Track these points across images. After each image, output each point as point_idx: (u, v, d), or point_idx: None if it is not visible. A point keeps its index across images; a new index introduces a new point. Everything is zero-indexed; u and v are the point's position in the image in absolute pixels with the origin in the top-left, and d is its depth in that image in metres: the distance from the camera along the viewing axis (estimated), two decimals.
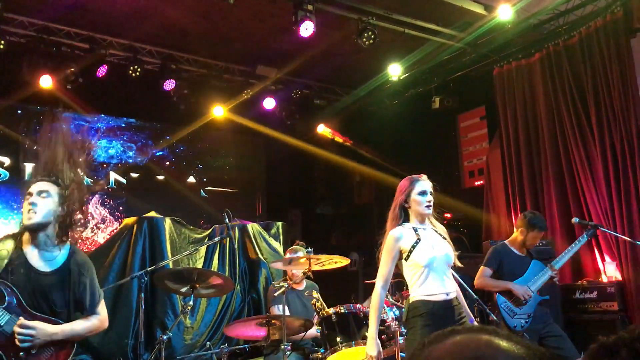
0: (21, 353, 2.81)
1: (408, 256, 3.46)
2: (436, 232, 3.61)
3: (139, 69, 7.61)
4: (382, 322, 4.35)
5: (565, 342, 4.76)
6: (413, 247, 3.45)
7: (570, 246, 5.04)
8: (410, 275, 3.49)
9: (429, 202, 3.54)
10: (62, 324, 2.94)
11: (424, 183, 3.61)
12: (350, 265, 8.36)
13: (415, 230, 3.51)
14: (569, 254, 5.01)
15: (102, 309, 3.10)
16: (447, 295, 3.43)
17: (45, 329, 2.85)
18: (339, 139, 9.65)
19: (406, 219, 3.59)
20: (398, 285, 5.18)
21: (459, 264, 3.73)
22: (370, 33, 6.65)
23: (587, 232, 5.07)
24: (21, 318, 2.83)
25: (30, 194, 2.95)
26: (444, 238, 3.59)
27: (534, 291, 4.92)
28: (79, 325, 3.00)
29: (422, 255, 3.42)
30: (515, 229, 5.16)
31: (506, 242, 5.20)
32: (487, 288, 5.09)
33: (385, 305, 4.50)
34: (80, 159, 3.11)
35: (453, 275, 4.69)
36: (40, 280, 2.92)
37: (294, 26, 6.22)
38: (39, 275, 2.94)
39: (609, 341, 1.08)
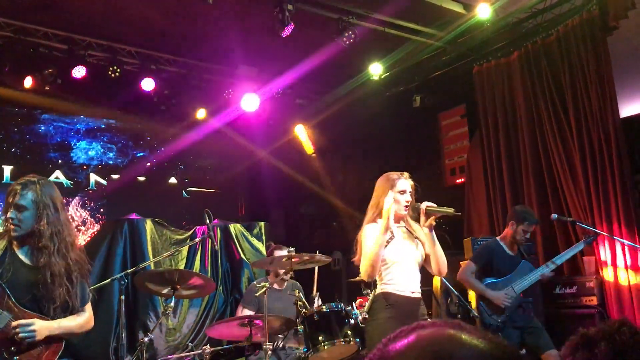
0: (12, 348, 2.81)
1: None
2: (410, 232, 3.63)
3: (118, 70, 7.55)
4: (364, 320, 4.37)
5: (543, 335, 4.88)
6: (387, 243, 3.48)
7: (575, 245, 5.18)
8: (380, 269, 3.52)
9: (407, 202, 3.57)
10: (53, 319, 2.94)
11: (405, 182, 3.63)
12: (334, 265, 8.39)
13: (389, 228, 3.52)
14: (572, 252, 5.14)
15: (89, 307, 3.12)
16: (413, 293, 3.48)
17: (45, 325, 2.87)
18: (308, 145, 9.61)
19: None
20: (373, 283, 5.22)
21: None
22: (350, 32, 6.67)
23: (587, 238, 5.21)
24: (19, 316, 2.83)
25: (9, 206, 2.95)
26: (416, 238, 3.62)
27: (517, 292, 4.96)
28: (73, 322, 3.02)
29: (393, 252, 3.47)
30: (506, 225, 5.25)
31: (498, 238, 5.27)
32: (466, 285, 5.15)
33: (366, 303, 4.53)
34: None
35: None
36: (31, 275, 2.92)
37: (275, 26, 6.22)
38: (30, 270, 2.94)
39: (589, 333, 1.11)
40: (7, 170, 8.16)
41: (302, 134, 9.57)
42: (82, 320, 3.07)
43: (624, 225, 5.90)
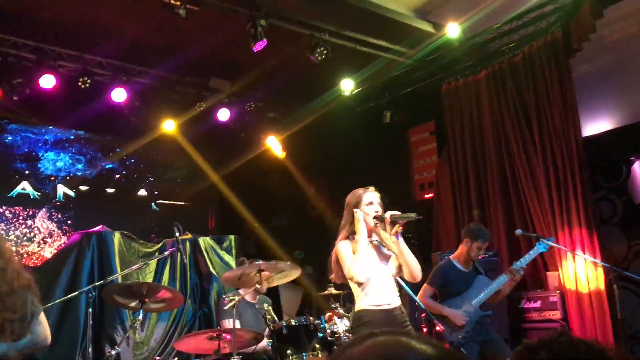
0: None
1: None
2: (381, 245, 3.71)
3: (88, 81, 7.50)
4: (333, 333, 4.44)
5: (500, 344, 5.03)
6: None
7: (530, 252, 5.29)
8: (355, 285, 3.60)
9: (376, 212, 3.66)
10: None
11: (371, 194, 3.73)
12: (304, 278, 8.42)
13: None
14: (528, 259, 5.26)
15: (37, 326, 2.99)
16: (390, 305, 3.55)
17: None
18: (279, 153, 9.67)
19: (355, 232, 3.69)
20: (349, 296, 5.28)
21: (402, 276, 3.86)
22: (322, 49, 6.78)
23: (540, 243, 5.32)
24: None
25: None
26: (389, 250, 3.70)
27: (475, 307, 5.09)
28: (6, 347, 2.88)
29: (367, 268, 3.53)
30: (460, 243, 5.36)
31: (451, 258, 5.39)
32: (427, 308, 5.24)
33: (335, 317, 4.59)
34: None
35: (401, 287, 4.84)
36: None
37: (248, 40, 6.29)
38: None
39: (531, 343, 1.20)
40: None
41: (273, 143, 9.63)
42: (22, 345, 2.96)
43: (586, 240, 6.10)
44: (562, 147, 6.40)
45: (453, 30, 6.78)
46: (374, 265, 3.59)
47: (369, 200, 3.71)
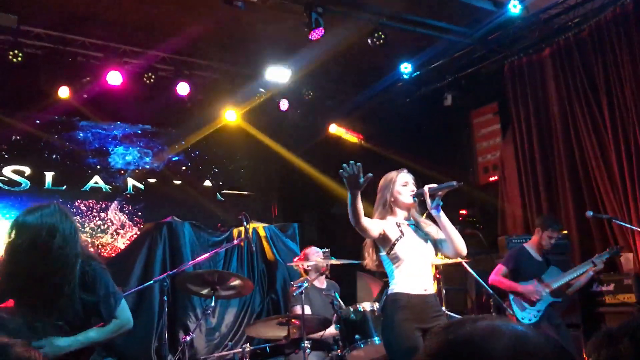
0: None
1: (390, 249, 3.50)
2: (420, 230, 3.65)
3: (152, 76, 7.78)
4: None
5: (566, 334, 4.98)
6: (396, 241, 3.49)
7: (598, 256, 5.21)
8: (390, 269, 3.54)
9: (412, 191, 3.61)
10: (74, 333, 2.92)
11: (406, 175, 3.67)
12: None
13: (399, 226, 3.56)
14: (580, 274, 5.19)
15: (121, 312, 3.08)
16: (425, 291, 3.50)
17: (56, 343, 2.83)
18: (352, 137, 9.75)
19: (391, 213, 3.64)
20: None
21: (439, 260, 3.79)
22: (380, 33, 6.76)
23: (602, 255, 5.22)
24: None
25: None
26: (427, 235, 3.63)
27: (547, 292, 5.07)
28: (94, 333, 2.98)
29: (403, 251, 3.48)
30: (533, 232, 5.38)
31: (525, 245, 5.39)
32: (498, 286, 5.24)
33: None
34: None
35: (468, 270, 4.83)
36: None
37: (304, 29, 6.34)
38: None
39: (612, 330, 1.17)
40: (49, 176, 8.47)
41: (342, 131, 9.69)
42: (108, 330, 3.02)
43: None
44: (634, 123, 6.16)
45: (514, 7, 6.61)
46: (412, 247, 3.52)
47: (404, 180, 3.63)
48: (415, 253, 3.51)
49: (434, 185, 3.51)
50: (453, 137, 8.90)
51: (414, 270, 3.48)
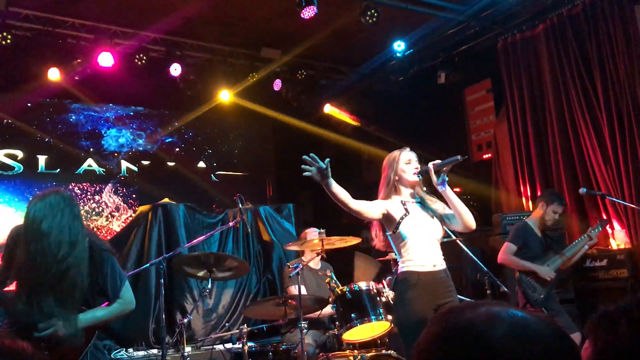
0: (42, 343, 2.88)
1: (396, 228, 3.49)
2: (426, 207, 3.65)
3: (144, 57, 7.70)
4: None
5: (563, 316, 4.96)
6: (401, 219, 3.48)
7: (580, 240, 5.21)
8: (398, 247, 3.55)
9: (416, 168, 3.61)
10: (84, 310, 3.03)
11: (409, 153, 3.66)
12: (363, 244, 8.50)
13: (404, 205, 3.55)
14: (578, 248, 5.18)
15: (125, 292, 3.16)
16: (435, 267, 3.50)
17: (68, 321, 2.93)
18: (346, 118, 9.73)
19: (395, 192, 3.64)
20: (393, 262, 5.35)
21: (453, 236, 3.78)
22: (373, 11, 6.70)
23: (595, 228, 5.24)
24: None
25: None
26: (434, 212, 3.63)
27: (555, 271, 5.09)
28: (101, 312, 3.09)
29: (409, 229, 3.48)
30: (535, 207, 5.31)
31: (527, 220, 5.33)
32: (511, 266, 5.21)
33: None
34: None
35: (463, 249, 4.84)
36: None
37: (297, 8, 6.28)
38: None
39: (608, 311, 1.14)
40: (42, 159, 8.44)
41: (335, 111, 9.66)
42: (113, 309, 3.13)
43: None
44: (627, 100, 6.16)
45: None
46: (418, 224, 3.53)
47: (407, 158, 3.62)
48: (422, 230, 3.51)
49: (438, 161, 3.50)
50: (447, 115, 8.88)
51: (422, 248, 3.48)
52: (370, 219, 3.55)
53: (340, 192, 3.33)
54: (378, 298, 4.51)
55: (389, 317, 4.37)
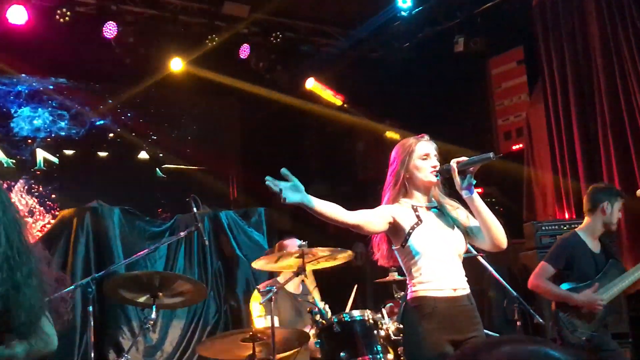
0: None
1: (405, 241, 3.46)
2: (443, 212, 3.62)
3: (68, 13, 7.60)
4: (399, 331, 4.48)
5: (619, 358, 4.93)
6: (412, 229, 3.45)
7: None
8: (407, 266, 3.52)
9: (434, 167, 3.56)
10: None
11: (426, 144, 3.60)
12: (355, 260, 8.50)
13: (416, 211, 3.52)
14: None
15: (44, 326, 3.15)
16: (455, 291, 3.47)
17: None
18: (331, 97, 9.69)
19: (405, 195, 3.61)
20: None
21: (473, 252, 3.77)
22: None
23: None
24: None
25: None
26: (455, 220, 3.60)
27: (606, 300, 4.86)
28: (21, 349, 3.08)
29: (422, 241, 3.45)
30: (587, 211, 5.15)
31: (578, 230, 5.19)
32: (544, 295, 5.15)
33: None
34: None
35: (486, 268, 4.83)
36: None
37: None
38: None
39: None
40: None
41: (319, 87, 9.62)
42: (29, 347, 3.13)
43: None
44: None
45: None
46: (433, 237, 3.51)
47: (424, 151, 3.55)
48: (439, 243, 3.47)
49: (464, 158, 3.44)
50: (465, 93, 8.91)
51: (439, 266, 3.45)
52: (374, 232, 3.52)
53: (327, 208, 3.32)
54: (375, 331, 4.50)
55: (389, 356, 4.37)
